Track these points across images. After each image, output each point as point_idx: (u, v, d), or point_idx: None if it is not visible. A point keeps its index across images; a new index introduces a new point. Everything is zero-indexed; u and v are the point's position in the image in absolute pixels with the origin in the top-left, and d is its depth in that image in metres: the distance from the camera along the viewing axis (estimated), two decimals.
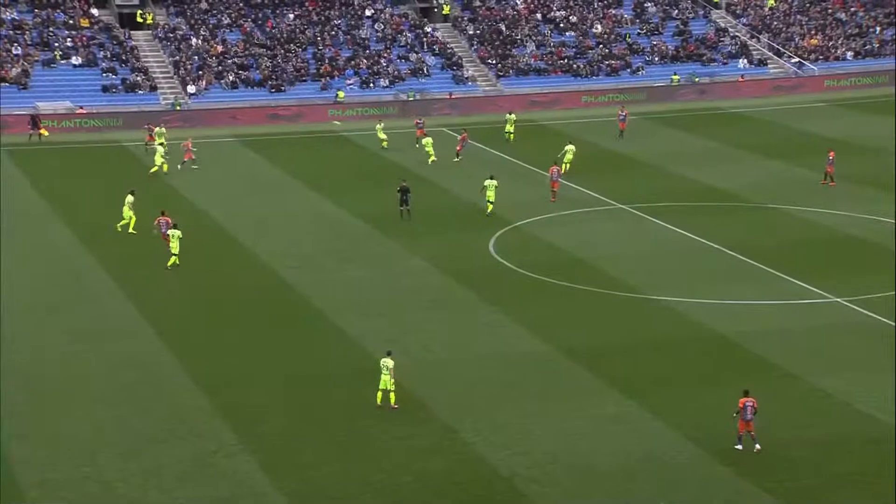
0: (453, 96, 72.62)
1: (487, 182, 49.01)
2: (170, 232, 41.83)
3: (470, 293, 39.58)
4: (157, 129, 58.37)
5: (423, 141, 58.98)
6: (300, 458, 28.27)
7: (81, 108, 66.25)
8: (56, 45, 70.14)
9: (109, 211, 47.47)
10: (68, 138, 62.57)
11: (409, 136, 63.32)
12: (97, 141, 61.96)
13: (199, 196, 51.86)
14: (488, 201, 48.68)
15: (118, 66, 70.28)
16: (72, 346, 34.80)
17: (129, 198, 45.96)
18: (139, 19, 74.50)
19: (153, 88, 69.79)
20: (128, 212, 45.59)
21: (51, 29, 71.36)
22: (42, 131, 61.49)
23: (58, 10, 72.75)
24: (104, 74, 69.37)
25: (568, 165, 55.14)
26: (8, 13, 71.25)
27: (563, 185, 51.84)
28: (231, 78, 71.22)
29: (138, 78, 69.73)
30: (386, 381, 30.57)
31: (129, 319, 36.90)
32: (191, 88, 69.98)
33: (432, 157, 57.54)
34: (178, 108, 68.11)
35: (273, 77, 71.79)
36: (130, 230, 45.08)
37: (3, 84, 66.64)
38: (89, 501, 26.20)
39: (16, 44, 69.41)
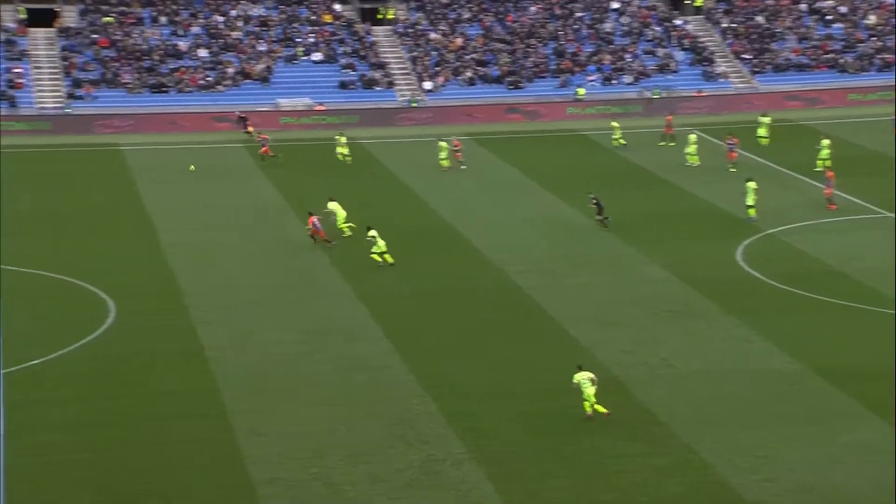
0: (702, 94, 71.08)
1: (747, 184, 47.85)
2: (370, 235, 42.45)
3: (713, 304, 38.59)
4: (338, 136, 58.97)
5: (689, 137, 58.11)
6: (529, 471, 28.30)
7: (321, 104, 68.95)
8: (299, 41, 73.30)
9: (342, 208, 49.01)
10: (306, 135, 65.19)
11: (653, 136, 62.47)
12: (332, 139, 64.25)
13: (432, 195, 52.90)
14: (748, 205, 47.54)
15: (357, 62, 72.76)
16: (303, 344, 36.19)
17: (333, 205, 46.77)
18: (379, 15, 76.89)
19: (390, 85, 71.83)
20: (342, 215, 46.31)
21: (294, 25, 74.66)
22: (249, 129, 64.10)
23: (302, 6, 76.04)
24: (343, 70, 71.96)
25: (828, 163, 53.07)
26: (255, 9, 75.09)
27: (821, 189, 49.87)
28: (468, 74, 72.35)
29: (376, 74, 71.94)
30: (592, 393, 30.44)
31: (359, 320, 38.02)
32: (427, 85, 71.56)
33: (693, 159, 56.74)
34: (414, 104, 69.79)
35: (511, 73, 72.43)
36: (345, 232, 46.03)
37: (246, 80, 70.25)
38: (317, 503, 27.11)
39: (261, 40, 73.01)
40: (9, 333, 35.82)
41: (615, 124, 61.86)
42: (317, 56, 72.61)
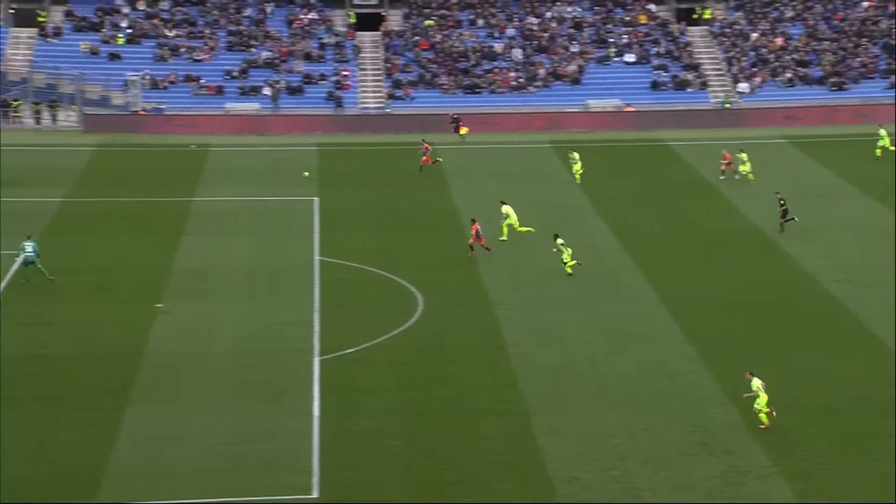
0: None
1: None
2: (559, 243, 41.65)
3: None
4: (571, 154, 55.51)
5: None
6: (841, 491, 26.98)
7: (629, 105, 68.52)
8: (612, 41, 73.15)
9: (646, 210, 48.58)
10: (614, 136, 64.99)
11: None
12: (642, 140, 63.69)
13: (741, 199, 51.35)
14: None
15: (670, 63, 71.78)
16: (605, 345, 36.07)
17: (506, 208, 46.00)
18: (695, 15, 75.54)
19: (703, 86, 70.37)
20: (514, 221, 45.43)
21: (608, 26, 74.60)
22: (462, 130, 64.25)
23: (618, 7, 75.83)
24: (655, 71, 71.18)
25: None
26: (570, 11, 75.61)
27: None
28: (788, 75, 69.75)
29: (689, 75, 70.68)
30: (765, 401, 29.81)
31: (662, 323, 37.47)
32: (742, 86, 69.59)
33: None
34: (727, 106, 68.04)
35: (835, 73, 69.18)
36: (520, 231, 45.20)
37: (557, 81, 70.83)
38: None
39: (574, 41, 73.42)
40: (325, 323, 37.76)
41: (883, 131, 57.37)
42: (629, 57, 72.18)
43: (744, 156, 54.25)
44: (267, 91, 68.74)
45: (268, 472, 28.33)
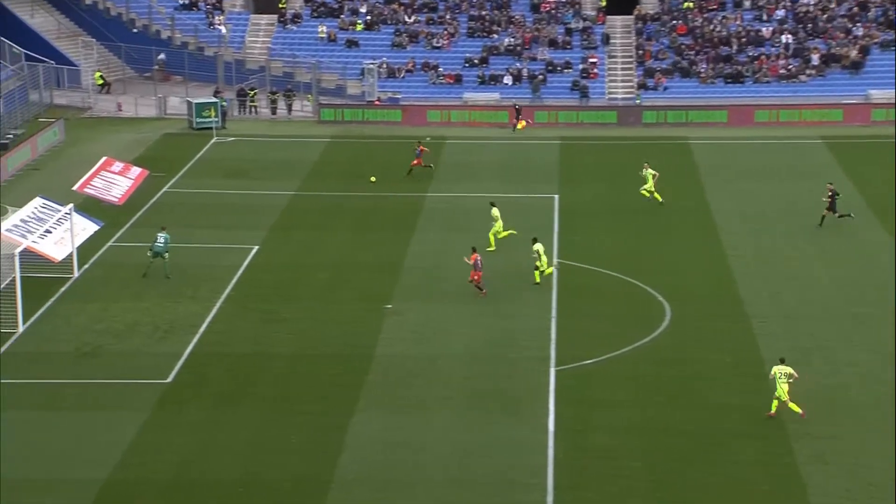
0: None
1: None
2: (535, 250, 40.31)
3: None
4: (646, 170, 50.62)
5: None
6: None
7: None
8: None
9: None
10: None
11: None
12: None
13: None
14: None
15: None
16: (881, 368, 34.53)
17: (496, 211, 44.62)
18: None
19: None
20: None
21: None
22: (520, 124, 61.90)
23: None
24: None
25: None
26: None
27: None
28: None
29: None
30: (784, 390, 30.65)
31: None
32: None
33: None
34: None
35: None
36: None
37: (833, 69, 68.23)
38: None
39: (857, 23, 70.63)
40: (562, 331, 37.74)
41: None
42: None
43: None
44: (507, 80, 69.34)
45: (500, 487, 28.54)
